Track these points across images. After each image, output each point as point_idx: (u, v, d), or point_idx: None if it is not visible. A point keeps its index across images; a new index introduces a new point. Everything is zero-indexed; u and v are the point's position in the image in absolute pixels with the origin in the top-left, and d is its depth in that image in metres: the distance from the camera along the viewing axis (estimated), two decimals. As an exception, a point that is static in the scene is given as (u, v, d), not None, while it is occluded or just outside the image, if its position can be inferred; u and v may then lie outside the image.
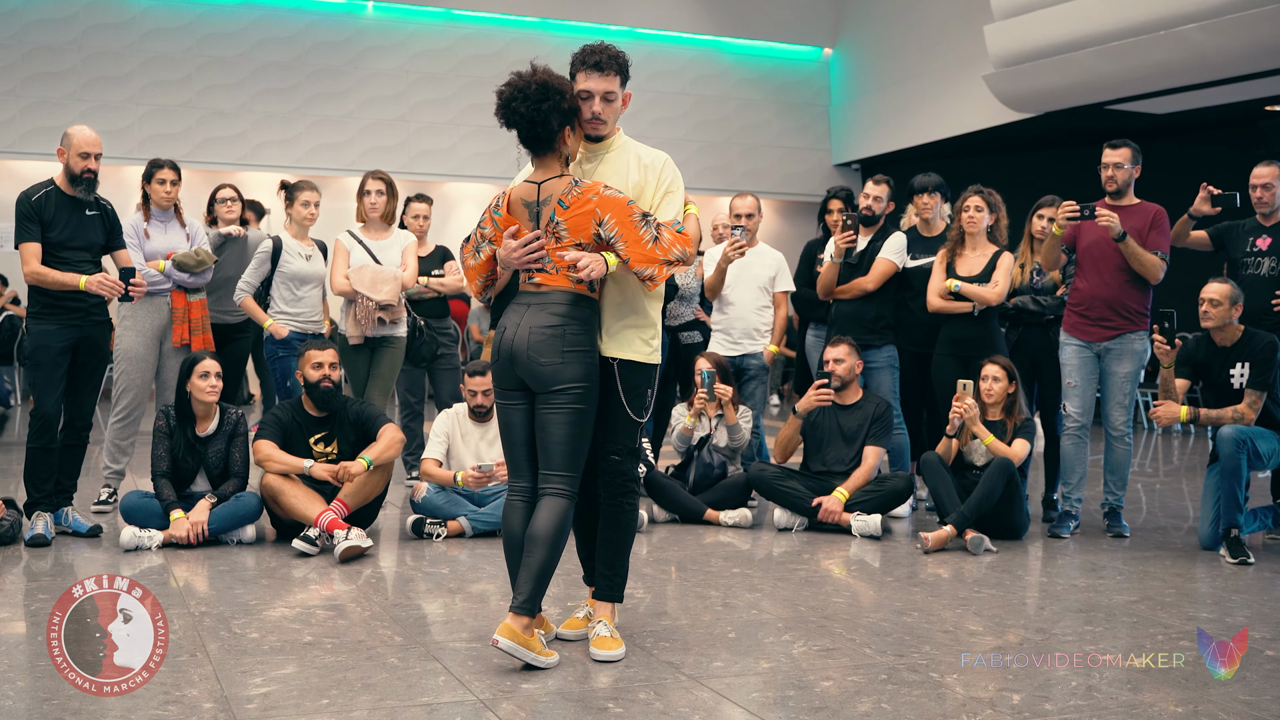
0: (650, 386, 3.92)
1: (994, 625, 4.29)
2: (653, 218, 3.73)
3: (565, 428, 3.73)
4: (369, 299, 6.52)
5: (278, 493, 5.49)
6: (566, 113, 3.74)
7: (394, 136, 14.62)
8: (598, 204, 3.70)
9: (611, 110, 3.82)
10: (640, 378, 3.88)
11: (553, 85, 3.71)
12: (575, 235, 3.72)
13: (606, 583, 4.00)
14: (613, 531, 3.99)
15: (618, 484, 3.93)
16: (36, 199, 5.43)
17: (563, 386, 3.71)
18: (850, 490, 6.03)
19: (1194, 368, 5.92)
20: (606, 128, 3.84)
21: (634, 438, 3.91)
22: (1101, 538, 6.05)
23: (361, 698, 3.38)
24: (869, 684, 3.57)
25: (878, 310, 6.63)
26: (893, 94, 15.34)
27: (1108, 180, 6.02)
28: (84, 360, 5.57)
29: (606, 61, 3.78)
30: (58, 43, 13.53)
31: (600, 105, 3.78)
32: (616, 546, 3.99)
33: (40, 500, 5.52)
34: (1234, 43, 10.15)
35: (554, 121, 3.71)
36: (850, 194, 7.03)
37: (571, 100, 3.76)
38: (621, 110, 3.86)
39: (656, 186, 3.83)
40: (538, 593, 3.67)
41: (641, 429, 3.94)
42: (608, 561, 4.00)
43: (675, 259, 3.73)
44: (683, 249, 3.74)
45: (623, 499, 3.94)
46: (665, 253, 3.71)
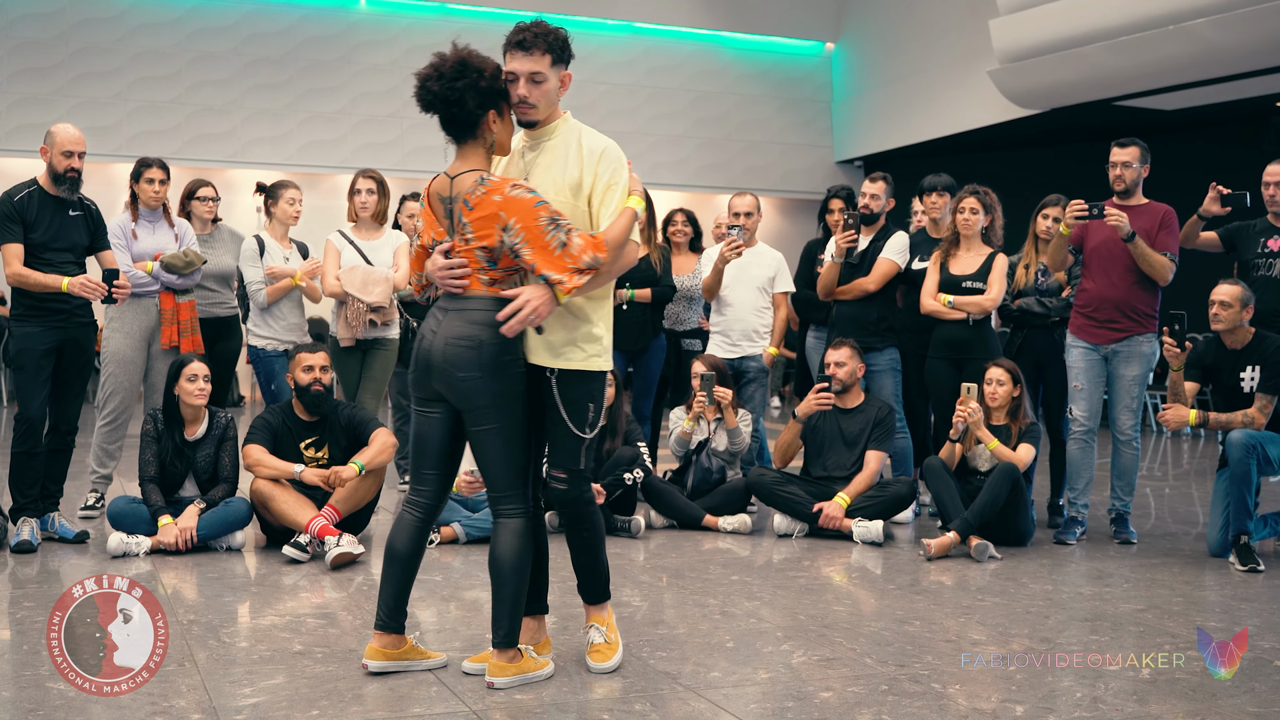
0: (593, 399, 3.58)
1: (998, 634, 4.25)
2: (564, 221, 3.39)
3: (495, 447, 3.51)
4: (360, 301, 6.44)
5: (268, 498, 5.43)
6: (485, 93, 3.44)
7: (387, 133, 14.55)
8: (501, 205, 3.40)
9: (541, 93, 3.48)
10: (580, 388, 3.55)
11: (471, 63, 3.44)
12: (481, 238, 3.44)
13: (589, 588, 3.81)
14: (577, 548, 3.77)
15: (568, 512, 3.67)
16: (19, 199, 5.38)
17: (484, 402, 3.48)
18: (852, 495, 5.96)
19: (1204, 370, 5.85)
20: (537, 112, 3.51)
21: (578, 457, 3.59)
22: (1108, 544, 5.99)
23: (352, 709, 3.37)
24: (870, 695, 3.54)
25: (879, 312, 6.56)
26: (896, 90, 15.26)
27: (1116, 179, 5.94)
28: (69, 363, 5.51)
29: (532, 39, 3.47)
30: (44, 38, 13.47)
31: (526, 87, 3.47)
32: (587, 558, 3.77)
33: (26, 506, 5.47)
34: (1244, 37, 10.08)
35: (469, 101, 3.42)
36: (851, 193, 6.95)
37: (492, 80, 3.46)
38: (560, 93, 3.55)
39: (595, 180, 3.50)
40: (514, 624, 3.59)
41: (589, 446, 3.61)
42: (583, 570, 3.80)
43: (585, 266, 3.38)
44: (594, 255, 3.38)
45: (578, 526, 3.70)
46: (574, 260, 3.36)
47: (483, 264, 3.48)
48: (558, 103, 3.57)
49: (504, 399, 3.48)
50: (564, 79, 3.54)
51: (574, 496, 3.63)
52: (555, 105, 3.56)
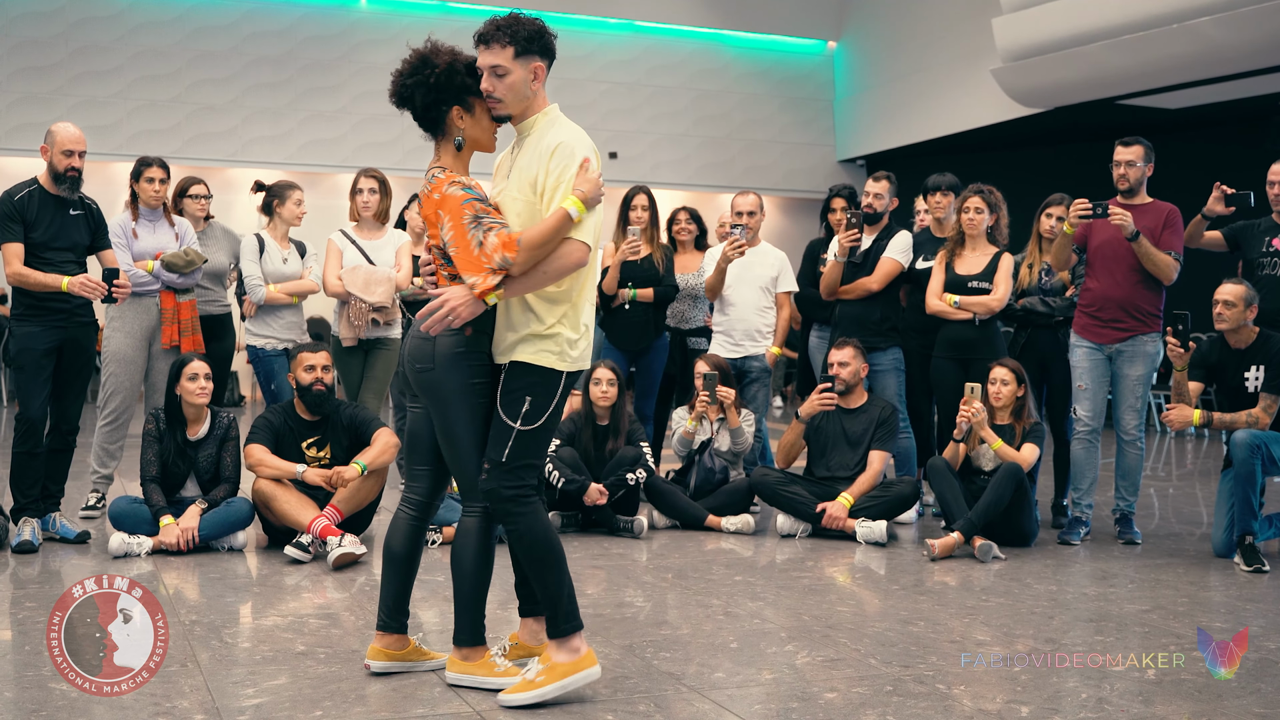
0: (532, 393, 3.41)
1: (1002, 635, 4.24)
2: (488, 219, 3.31)
3: (452, 441, 3.48)
4: (363, 300, 6.43)
5: (269, 498, 5.41)
6: (437, 88, 3.42)
7: (388, 132, 14.53)
8: (439, 203, 3.38)
9: (506, 87, 3.38)
10: (522, 380, 3.41)
11: (430, 59, 3.43)
12: (433, 236, 3.44)
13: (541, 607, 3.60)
14: (513, 558, 3.64)
15: (492, 508, 3.48)
16: (19, 198, 5.37)
17: (439, 394, 3.45)
18: (855, 496, 5.94)
19: (1208, 370, 5.83)
20: (505, 106, 3.42)
21: (501, 448, 3.40)
22: (1112, 544, 5.97)
23: (355, 709, 3.36)
24: (874, 695, 3.53)
25: (883, 311, 6.53)
26: (898, 88, 15.24)
27: (1120, 179, 5.92)
28: (69, 362, 5.50)
29: (492, 33, 3.37)
30: (44, 36, 13.45)
31: (490, 81, 3.38)
32: (526, 572, 3.57)
33: (27, 506, 5.45)
34: (1248, 36, 10.05)
35: (418, 98, 3.43)
36: (854, 192, 6.93)
37: (448, 76, 3.43)
38: (534, 85, 3.42)
39: (546, 177, 3.37)
40: (470, 622, 3.58)
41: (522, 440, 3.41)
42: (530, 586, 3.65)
43: (497, 266, 3.27)
44: (504, 256, 3.25)
45: (506, 528, 3.48)
46: (488, 259, 3.27)
47: (441, 260, 3.48)
48: (533, 95, 3.45)
49: (458, 393, 3.43)
50: (535, 70, 3.42)
51: (490, 489, 3.43)
52: (528, 98, 3.45)
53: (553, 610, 3.46)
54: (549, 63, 3.46)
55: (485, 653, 3.60)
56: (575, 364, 3.48)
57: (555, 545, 3.48)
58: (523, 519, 3.44)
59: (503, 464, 3.41)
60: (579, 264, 3.37)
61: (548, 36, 3.44)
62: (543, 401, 3.43)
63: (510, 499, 3.42)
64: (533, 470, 3.47)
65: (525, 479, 3.45)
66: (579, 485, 5.90)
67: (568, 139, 3.40)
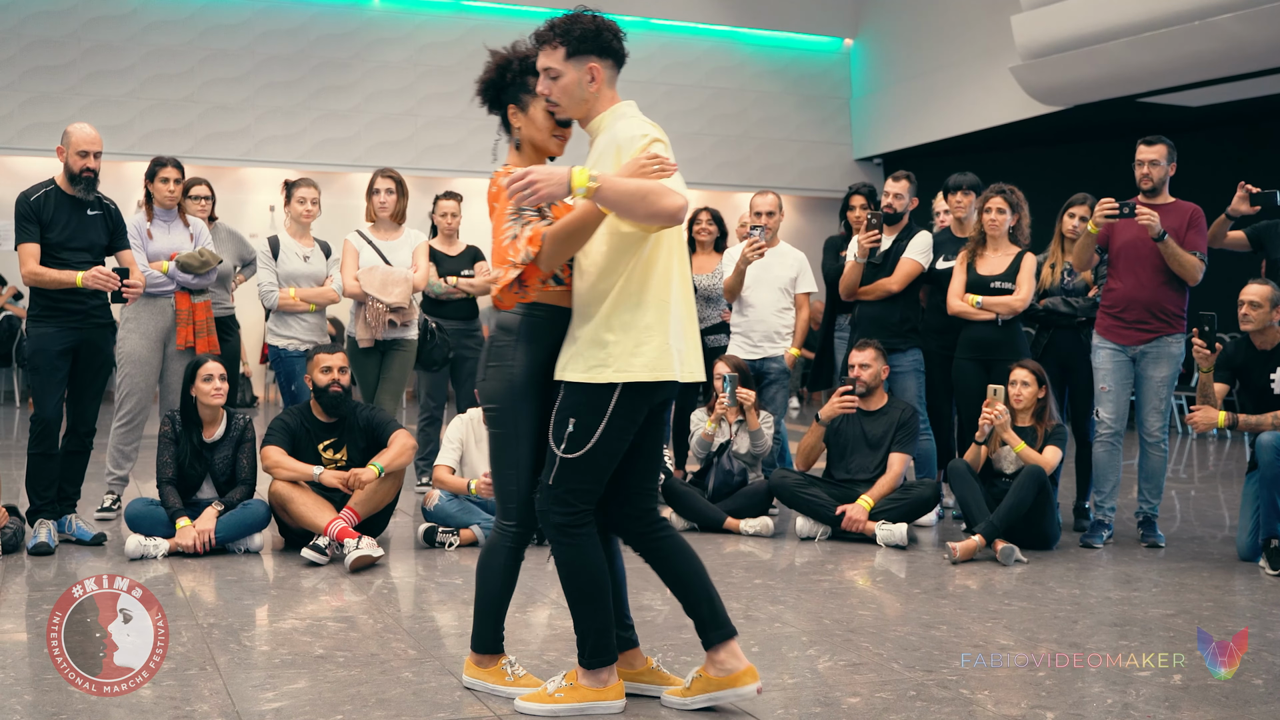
0: (576, 414, 3.23)
1: (1025, 639, 4.20)
2: (527, 214, 3.22)
3: (491, 456, 3.44)
4: (380, 301, 6.40)
5: (286, 500, 5.40)
6: (487, 86, 3.43)
7: (401, 131, 14.52)
8: (493, 196, 3.32)
9: (560, 89, 3.28)
10: (568, 400, 3.26)
11: (491, 59, 3.43)
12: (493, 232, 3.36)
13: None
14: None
15: (544, 530, 3.37)
16: (35, 199, 5.37)
17: (484, 406, 3.41)
18: (875, 498, 5.90)
19: (1233, 371, 5.78)
20: (562, 110, 3.33)
21: (549, 473, 3.28)
22: (1136, 548, 5.92)
23: (375, 713, 3.35)
24: (897, 700, 3.51)
25: (903, 313, 6.49)
26: (916, 86, 15.16)
27: (1143, 178, 5.86)
28: (85, 364, 5.49)
29: (545, 33, 3.28)
30: (57, 36, 13.47)
31: (544, 84, 3.30)
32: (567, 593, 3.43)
33: (43, 508, 5.45)
34: (1271, 33, 9.97)
35: (484, 96, 3.46)
36: (873, 190, 6.89)
37: (498, 74, 3.41)
38: (590, 88, 3.29)
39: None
40: (487, 631, 3.54)
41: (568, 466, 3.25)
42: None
43: (519, 261, 3.17)
44: (527, 251, 3.15)
45: (553, 548, 3.38)
46: (515, 253, 3.18)
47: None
48: (593, 97, 3.31)
49: (493, 404, 3.37)
50: (591, 71, 3.28)
51: (541, 511, 3.33)
52: (587, 100, 3.31)
53: (582, 642, 3.38)
54: (611, 62, 3.32)
55: (499, 660, 3.57)
56: (641, 373, 3.23)
57: (599, 580, 3.35)
58: (569, 549, 3.32)
59: (550, 487, 3.30)
60: (670, 210, 3.08)
61: (606, 35, 3.30)
62: (589, 422, 3.24)
63: (558, 526, 3.31)
64: (586, 496, 3.31)
65: (576, 505, 3.30)
66: (597, 487, 5.86)
67: (610, 139, 3.26)
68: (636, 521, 3.46)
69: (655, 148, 3.18)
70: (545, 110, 3.38)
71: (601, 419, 3.23)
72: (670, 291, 3.28)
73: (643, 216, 3.10)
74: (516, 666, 3.58)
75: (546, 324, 3.34)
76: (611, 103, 3.35)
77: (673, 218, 3.09)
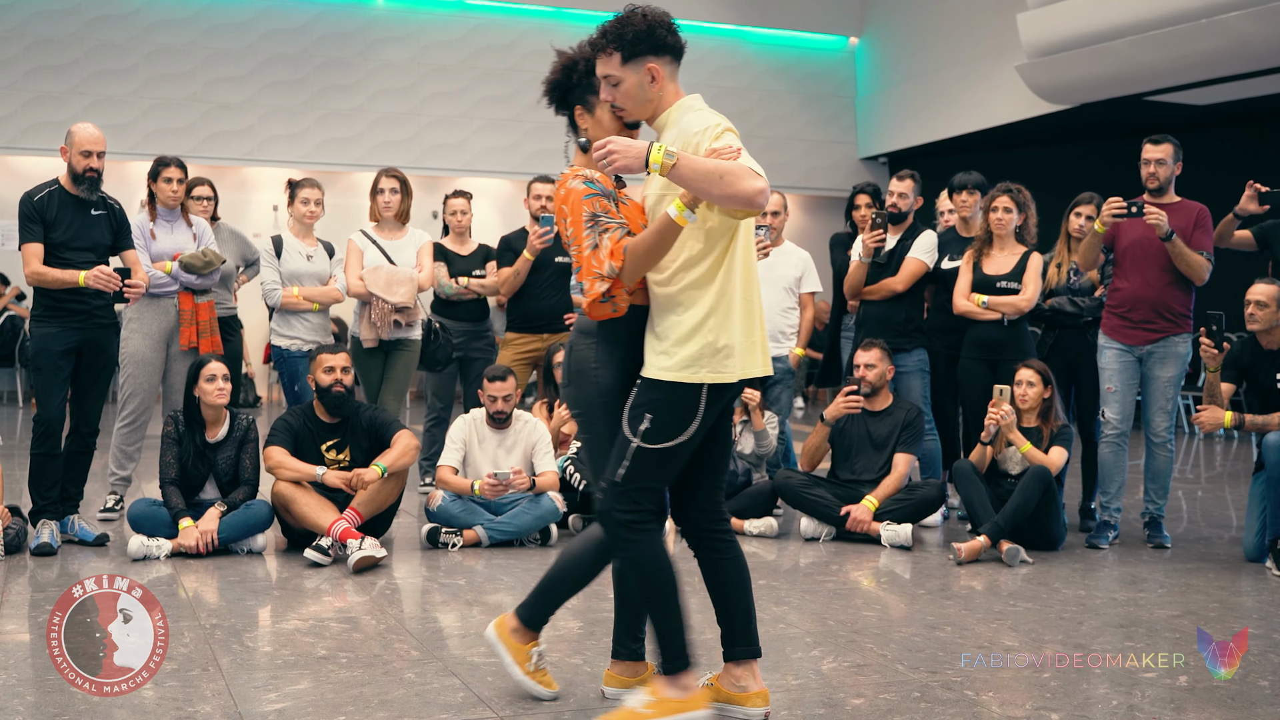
0: (654, 409, 3.15)
1: (1030, 640, 4.19)
2: (604, 219, 3.16)
3: (587, 463, 3.40)
4: (385, 301, 6.39)
5: (289, 501, 5.38)
6: (556, 88, 3.39)
7: (405, 130, 14.51)
8: (563, 199, 3.26)
9: (623, 94, 3.23)
10: (647, 395, 3.19)
11: (557, 60, 3.40)
12: (561, 233, 3.32)
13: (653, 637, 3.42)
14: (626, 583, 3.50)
15: (606, 532, 3.29)
16: (39, 199, 5.36)
17: (573, 413, 3.39)
18: (880, 499, 5.88)
19: (1239, 371, 5.76)
20: (629, 114, 3.27)
21: (618, 467, 3.19)
22: (1142, 548, 5.90)
23: (379, 714, 3.35)
24: (902, 702, 3.50)
25: (907, 312, 6.47)
26: (922, 85, 15.12)
27: (1149, 177, 5.84)
28: (88, 364, 5.48)
29: (599, 41, 3.24)
30: (60, 35, 13.46)
31: (607, 91, 3.25)
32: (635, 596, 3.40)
33: (46, 508, 5.43)
34: (1278, 31, 9.91)
35: (550, 100, 3.43)
36: (878, 189, 6.88)
37: (562, 76, 3.37)
38: (652, 88, 3.22)
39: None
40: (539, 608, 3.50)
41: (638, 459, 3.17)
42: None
43: (605, 274, 3.11)
44: (610, 265, 3.10)
45: (616, 549, 3.29)
46: (599, 265, 3.12)
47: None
48: (656, 96, 3.24)
49: (577, 408, 3.34)
50: (650, 71, 3.21)
51: (604, 511, 3.24)
52: (651, 100, 3.24)
53: (662, 647, 3.23)
54: (669, 57, 3.25)
55: (531, 643, 3.50)
56: (727, 373, 3.17)
57: (669, 577, 3.23)
58: (635, 546, 3.21)
59: (617, 484, 3.20)
60: (749, 193, 2.98)
61: (660, 32, 3.22)
62: (669, 420, 3.16)
63: (623, 524, 3.20)
64: (652, 495, 3.22)
65: (642, 503, 3.20)
66: (601, 488, 5.84)
67: (680, 132, 3.16)
68: (703, 515, 3.38)
69: (726, 137, 3.09)
70: (611, 112, 3.33)
71: (684, 417, 3.17)
72: (752, 289, 3.25)
73: (719, 198, 3.01)
74: (542, 660, 3.50)
75: (624, 324, 3.26)
76: (676, 98, 3.28)
77: (750, 201, 2.99)
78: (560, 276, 6.90)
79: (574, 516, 6.04)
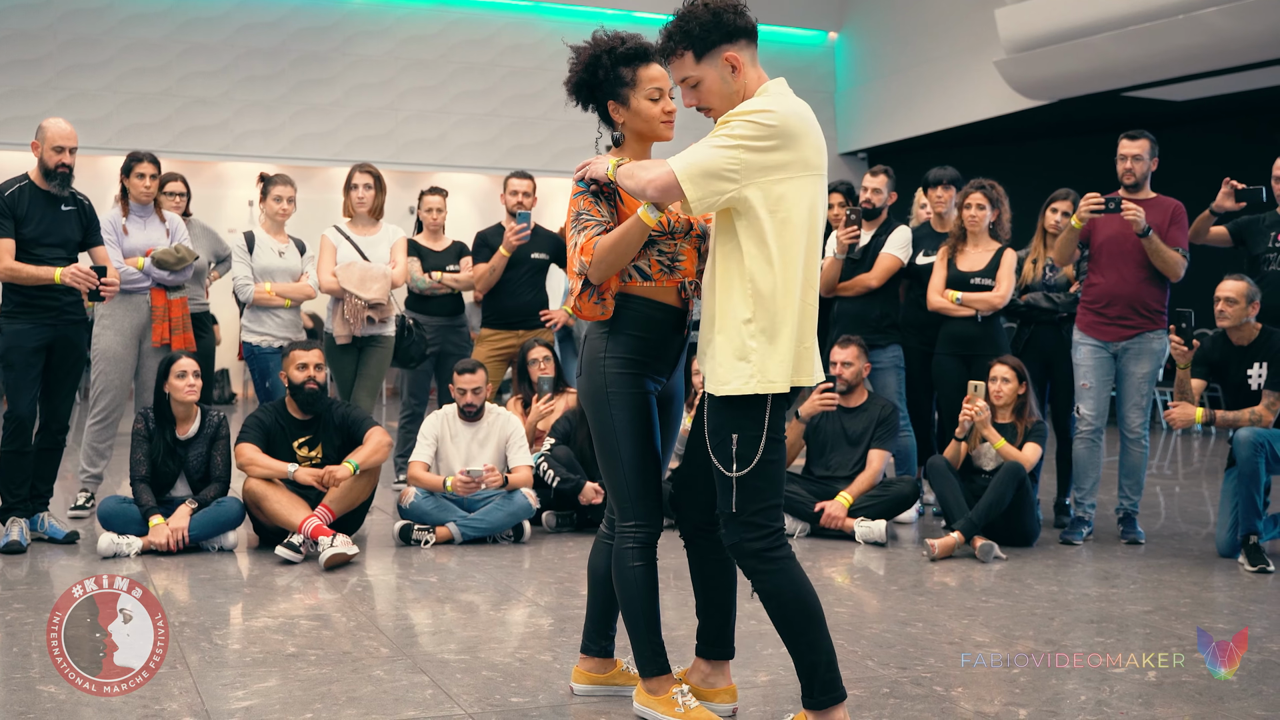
0: (739, 429, 2.99)
1: (1002, 636, 4.20)
2: (584, 218, 3.11)
3: (598, 457, 3.30)
4: (358, 297, 6.36)
5: (260, 498, 5.36)
6: (583, 86, 3.24)
7: (382, 125, 14.44)
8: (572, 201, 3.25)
9: (706, 94, 3.05)
10: (721, 416, 3.02)
11: (577, 56, 3.25)
12: None
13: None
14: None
15: (739, 563, 3.11)
16: (9, 194, 5.32)
17: (583, 405, 3.31)
18: (854, 495, 5.88)
19: (1210, 367, 5.77)
20: (718, 111, 3.05)
21: (728, 499, 3.01)
22: (1115, 544, 5.91)
23: (346, 711, 3.34)
24: (871, 698, 3.51)
25: (882, 309, 6.47)
26: (901, 80, 15.14)
27: (1125, 173, 5.85)
28: (59, 360, 5.45)
29: (666, 44, 3.04)
30: (32, 28, 13.35)
31: (688, 96, 3.07)
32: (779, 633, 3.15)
33: (15, 505, 5.41)
34: (1257, 27, 9.95)
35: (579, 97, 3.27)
36: (851, 188, 6.87)
37: (585, 73, 3.22)
38: (735, 79, 3.03)
39: None
40: (636, 650, 3.33)
41: (748, 486, 3.00)
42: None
43: (578, 271, 3.08)
44: (581, 261, 3.06)
45: (751, 579, 3.10)
46: (573, 261, 3.11)
47: None
48: (740, 86, 3.05)
49: (590, 399, 3.25)
50: (728, 61, 3.02)
51: (732, 545, 3.06)
52: (735, 91, 3.05)
53: (808, 679, 3.04)
54: (744, 41, 3.06)
55: (670, 686, 3.31)
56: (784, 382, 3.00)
57: (811, 605, 3.03)
58: (771, 577, 3.03)
59: (735, 516, 3.03)
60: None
61: (727, 16, 3.03)
62: (751, 435, 3.00)
63: (755, 554, 3.02)
64: (773, 512, 3.05)
65: (768, 525, 3.03)
66: (574, 484, 5.83)
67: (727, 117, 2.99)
68: (701, 512, 3.31)
69: (732, 125, 2.94)
70: (648, 98, 3.20)
71: (761, 429, 3.01)
72: (810, 294, 3.08)
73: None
74: (689, 696, 3.28)
75: (638, 315, 3.20)
76: (759, 83, 3.08)
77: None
78: (535, 273, 6.87)
79: (547, 513, 6.02)
